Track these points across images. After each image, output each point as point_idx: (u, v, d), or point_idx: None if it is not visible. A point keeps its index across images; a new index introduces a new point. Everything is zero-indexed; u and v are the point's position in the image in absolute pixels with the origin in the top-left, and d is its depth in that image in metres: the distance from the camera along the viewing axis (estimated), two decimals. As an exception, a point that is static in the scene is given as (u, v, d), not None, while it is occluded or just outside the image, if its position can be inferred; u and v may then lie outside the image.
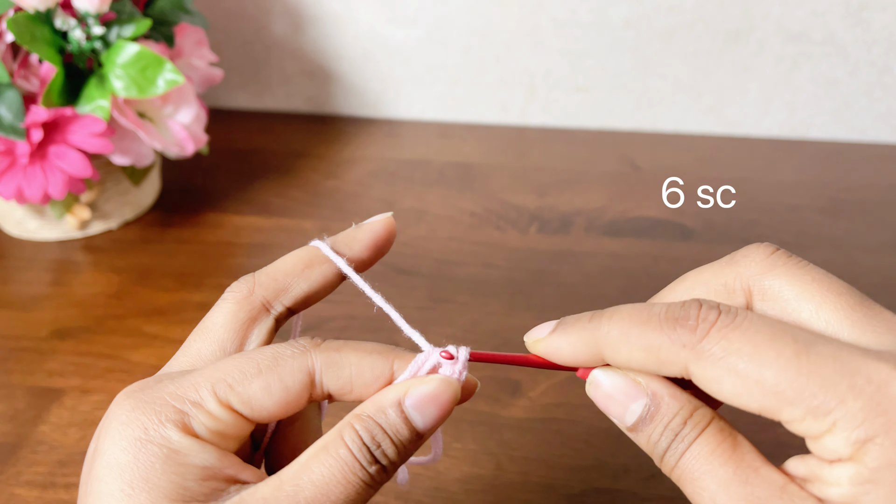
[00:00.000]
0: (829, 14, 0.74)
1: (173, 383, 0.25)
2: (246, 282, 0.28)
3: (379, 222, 0.31)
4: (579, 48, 0.78)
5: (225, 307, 0.28)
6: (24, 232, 0.65)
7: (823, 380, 0.21)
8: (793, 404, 0.21)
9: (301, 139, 0.80)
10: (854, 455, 0.21)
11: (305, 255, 0.29)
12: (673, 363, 0.23)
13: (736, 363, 0.22)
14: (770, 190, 0.71)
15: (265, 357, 0.25)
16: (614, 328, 0.24)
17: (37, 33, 0.55)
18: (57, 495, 0.43)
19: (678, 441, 0.23)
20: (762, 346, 0.22)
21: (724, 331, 0.22)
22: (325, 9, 0.79)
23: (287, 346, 0.26)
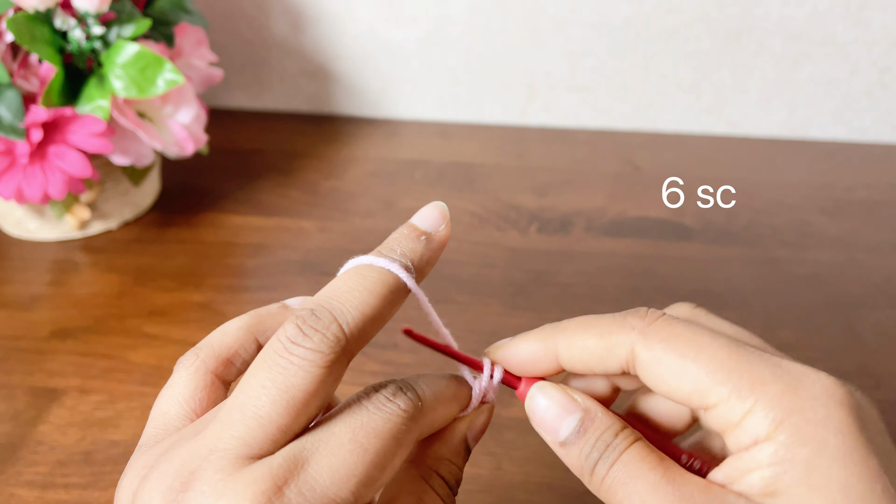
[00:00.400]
0: (829, 14, 0.74)
1: (313, 493, 0.22)
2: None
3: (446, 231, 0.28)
4: (579, 48, 0.78)
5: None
6: (24, 232, 0.65)
7: (750, 365, 0.24)
8: (722, 384, 0.24)
9: (301, 139, 0.80)
10: (771, 434, 0.23)
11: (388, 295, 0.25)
12: (622, 344, 0.25)
13: (678, 345, 0.25)
14: (770, 190, 0.71)
15: (388, 444, 0.23)
16: (571, 324, 0.27)
17: (36, 33, 0.55)
18: (57, 495, 0.43)
19: (610, 450, 0.25)
20: (700, 335, 0.25)
21: (670, 320, 0.25)
22: (325, 9, 0.79)
23: (399, 421, 0.24)
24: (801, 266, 0.61)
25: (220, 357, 0.28)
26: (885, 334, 0.54)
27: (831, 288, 0.59)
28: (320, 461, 0.22)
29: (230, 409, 0.23)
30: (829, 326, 0.55)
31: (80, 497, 0.43)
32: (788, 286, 0.59)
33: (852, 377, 0.51)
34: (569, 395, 0.27)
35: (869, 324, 0.55)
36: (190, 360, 0.28)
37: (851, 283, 0.59)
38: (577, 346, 0.27)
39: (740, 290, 0.58)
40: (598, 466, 0.25)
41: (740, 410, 0.23)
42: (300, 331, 0.23)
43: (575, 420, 0.26)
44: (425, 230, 0.27)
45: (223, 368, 0.28)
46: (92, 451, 0.46)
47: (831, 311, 0.56)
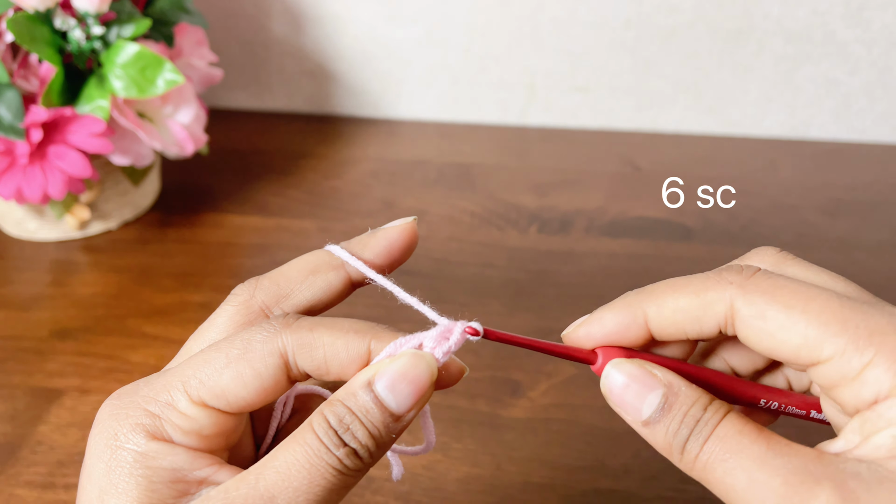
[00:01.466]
0: (829, 14, 0.74)
1: (147, 385, 0.25)
2: (248, 285, 0.27)
3: (394, 229, 0.29)
4: (579, 48, 0.78)
5: (225, 310, 0.27)
6: (24, 232, 0.65)
7: (865, 315, 0.22)
8: (837, 335, 0.22)
9: (301, 139, 0.80)
10: None
11: (312, 261, 0.28)
12: (720, 300, 0.23)
13: (782, 295, 0.23)
14: (770, 190, 0.71)
15: (234, 345, 0.24)
16: (660, 286, 0.25)
17: (36, 33, 0.55)
18: (57, 496, 0.43)
19: (702, 425, 0.23)
20: (804, 286, 0.23)
21: (769, 274, 0.23)
22: (325, 9, 0.79)
23: (257, 330, 0.25)
24: (801, 266, 0.61)
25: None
26: (886, 334, 0.54)
27: (831, 288, 0.59)
28: (179, 363, 0.25)
29: None
30: (829, 326, 0.55)
31: (80, 497, 0.43)
32: (788, 286, 0.59)
33: (852, 377, 0.51)
34: (647, 369, 0.24)
35: (869, 324, 0.55)
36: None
37: (851, 283, 0.59)
38: (670, 307, 0.25)
39: (740, 290, 0.58)
40: (689, 444, 0.23)
41: (859, 363, 0.21)
42: None
43: (658, 396, 0.24)
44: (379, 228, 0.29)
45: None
46: (92, 451, 0.46)
47: (831, 311, 0.56)
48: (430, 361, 0.25)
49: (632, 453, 0.45)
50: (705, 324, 0.24)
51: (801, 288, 0.23)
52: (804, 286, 0.23)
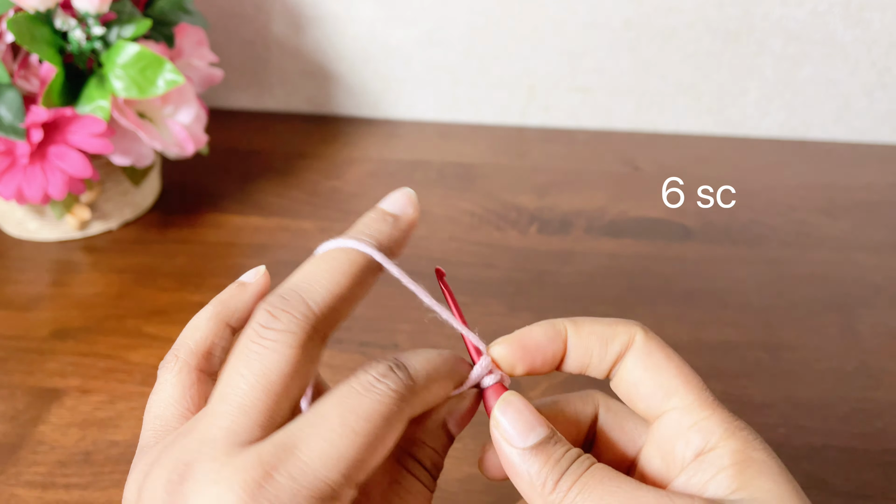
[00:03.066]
0: (829, 14, 0.74)
1: (299, 483, 0.22)
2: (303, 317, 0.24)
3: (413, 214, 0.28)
4: (579, 48, 0.78)
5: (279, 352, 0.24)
6: (24, 232, 0.65)
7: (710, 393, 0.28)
8: (690, 392, 0.27)
9: (301, 139, 0.80)
10: (726, 439, 0.26)
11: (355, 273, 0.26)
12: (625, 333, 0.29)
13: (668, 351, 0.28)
14: (770, 190, 0.71)
15: (378, 426, 0.23)
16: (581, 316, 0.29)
17: (37, 33, 0.55)
18: (57, 496, 0.43)
19: (578, 464, 0.25)
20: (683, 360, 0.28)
21: None
22: (325, 9, 0.79)
23: (390, 402, 0.24)
24: (800, 266, 0.61)
25: (199, 352, 0.28)
26: (885, 334, 0.54)
27: (831, 288, 0.59)
28: (310, 445, 0.22)
29: (214, 401, 0.24)
30: (829, 326, 0.55)
31: (80, 497, 0.43)
32: (788, 286, 0.59)
33: (852, 377, 0.51)
34: (537, 413, 0.27)
35: (869, 324, 0.55)
36: (171, 362, 0.28)
37: (851, 283, 0.59)
38: (586, 329, 0.28)
39: (740, 290, 0.58)
40: (565, 476, 0.25)
41: (699, 416, 0.26)
42: (270, 315, 0.24)
43: (545, 430, 0.26)
44: (393, 213, 0.28)
45: (205, 362, 0.28)
46: (92, 451, 0.46)
47: (831, 311, 0.56)
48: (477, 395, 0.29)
49: (631, 453, 0.45)
50: (610, 351, 0.28)
51: (680, 358, 0.28)
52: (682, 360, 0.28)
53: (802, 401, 0.49)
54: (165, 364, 0.28)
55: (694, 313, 0.56)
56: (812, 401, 0.49)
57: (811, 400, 0.49)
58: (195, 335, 0.29)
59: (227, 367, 0.24)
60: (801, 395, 0.49)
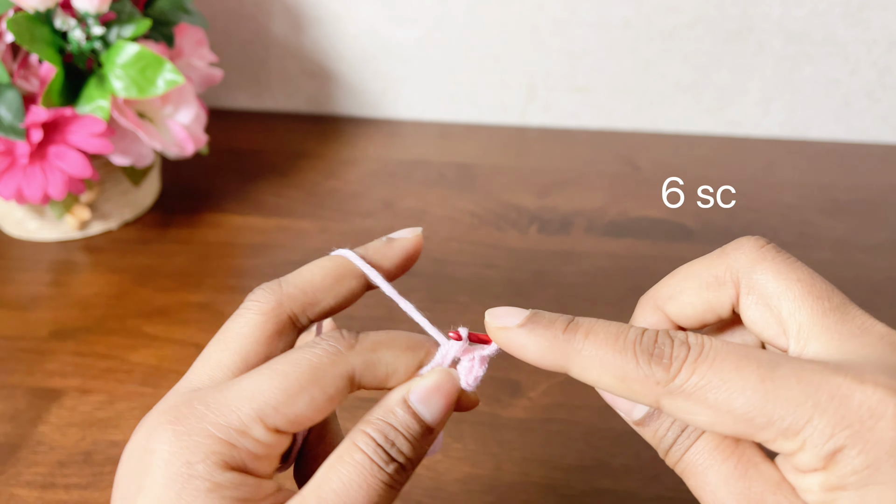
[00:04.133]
0: (829, 14, 0.74)
1: (211, 410, 0.24)
2: (273, 291, 0.27)
3: (410, 241, 0.30)
4: (579, 48, 0.78)
5: (249, 317, 0.27)
6: (24, 232, 0.65)
7: (789, 402, 0.22)
8: (764, 429, 0.22)
9: (301, 139, 0.80)
10: (826, 466, 0.22)
11: (333, 268, 0.28)
12: (645, 396, 0.24)
13: (707, 396, 0.23)
14: (770, 190, 0.71)
15: (303, 370, 0.25)
16: (588, 347, 0.24)
17: (37, 33, 0.55)
18: (57, 496, 0.43)
19: (684, 437, 0.25)
20: (729, 375, 0.23)
21: (694, 365, 0.23)
22: (325, 9, 0.79)
23: (322, 353, 0.25)
24: (801, 266, 0.61)
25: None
26: (885, 334, 0.54)
27: (831, 288, 0.59)
28: (236, 383, 0.25)
29: None
30: (829, 326, 0.55)
31: (80, 497, 0.43)
32: (788, 286, 0.59)
33: (852, 377, 0.51)
34: None
35: (869, 324, 0.55)
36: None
37: (851, 283, 0.59)
38: (592, 377, 0.25)
39: (740, 291, 0.58)
40: (672, 450, 0.25)
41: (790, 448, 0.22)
42: (253, 293, 0.28)
43: None
44: (391, 237, 0.30)
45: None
46: (92, 451, 0.46)
47: (831, 311, 0.56)
48: (455, 377, 0.27)
49: (632, 453, 0.45)
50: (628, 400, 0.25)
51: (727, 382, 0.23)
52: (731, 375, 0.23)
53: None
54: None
55: (694, 313, 0.56)
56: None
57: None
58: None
59: None
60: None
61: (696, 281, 0.27)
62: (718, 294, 0.26)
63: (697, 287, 0.27)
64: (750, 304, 0.26)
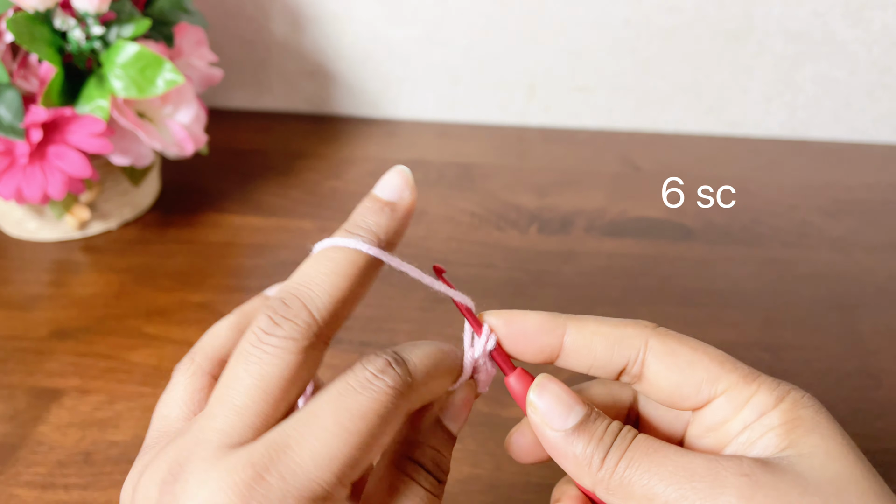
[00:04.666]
0: (829, 14, 0.74)
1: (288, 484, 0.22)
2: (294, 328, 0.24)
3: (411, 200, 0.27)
4: (579, 48, 0.78)
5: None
6: (24, 232, 0.65)
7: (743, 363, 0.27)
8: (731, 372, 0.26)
9: (301, 139, 0.80)
10: (776, 404, 0.25)
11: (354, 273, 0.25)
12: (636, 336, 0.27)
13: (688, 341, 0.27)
14: (770, 190, 0.71)
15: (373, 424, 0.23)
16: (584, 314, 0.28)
17: (36, 33, 0.55)
18: (56, 496, 0.43)
19: (621, 438, 0.25)
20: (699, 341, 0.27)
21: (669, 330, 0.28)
22: (325, 9, 0.79)
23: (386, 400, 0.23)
24: (801, 266, 0.61)
25: (215, 358, 0.28)
26: (885, 334, 0.54)
27: (831, 288, 0.59)
28: (302, 445, 0.22)
29: (212, 403, 0.24)
30: (829, 326, 0.55)
31: (80, 497, 0.43)
32: (789, 286, 0.59)
33: (852, 377, 0.51)
34: (573, 392, 0.26)
35: (869, 324, 0.55)
36: (186, 364, 0.28)
37: (851, 283, 0.59)
38: (590, 329, 0.27)
39: (740, 290, 0.58)
40: (611, 452, 0.25)
41: (748, 393, 0.26)
42: (271, 321, 0.24)
43: (583, 410, 0.26)
44: (389, 200, 0.27)
45: (218, 369, 0.28)
46: (92, 451, 0.46)
47: (831, 311, 0.56)
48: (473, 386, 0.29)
49: (632, 453, 0.45)
50: (618, 354, 0.27)
51: (699, 341, 0.27)
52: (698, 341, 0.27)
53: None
54: (180, 366, 0.28)
55: (694, 313, 0.56)
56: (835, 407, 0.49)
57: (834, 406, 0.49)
58: (214, 342, 0.29)
59: (227, 369, 0.24)
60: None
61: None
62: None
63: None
64: None
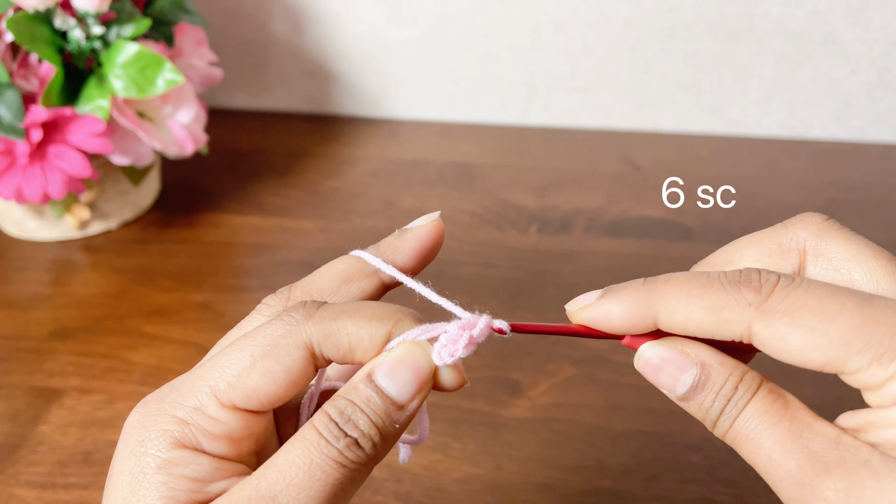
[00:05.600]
0: (829, 14, 0.74)
1: (173, 391, 0.24)
2: (282, 295, 0.27)
3: (423, 228, 0.29)
4: (579, 48, 0.78)
5: (258, 319, 0.27)
6: (24, 232, 0.65)
7: (887, 328, 0.22)
8: (860, 353, 0.22)
9: (301, 139, 0.80)
10: None
11: (343, 269, 0.28)
12: (736, 322, 0.23)
13: (802, 317, 0.23)
14: (770, 190, 0.71)
15: (256, 342, 0.24)
16: (672, 289, 0.24)
17: (36, 33, 0.55)
18: (56, 495, 0.43)
19: (731, 405, 0.24)
20: (826, 300, 0.23)
21: (788, 289, 0.23)
22: (325, 9, 0.79)
23: (278, 324, 0.24)
24: (801, 266, 0.61)
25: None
26: (886, 334, 0.54)
27: (831, 288, 0.59)
28: (201, 363, 0.25)
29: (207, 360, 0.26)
30: (830, 326, 0.55)
31: (80, 497, 0.43)
32: (788, 286, 0.59)
33: (852, 377, 0.51)
34: (679, 349, 0.25)
35: (869, 324, 0.55)
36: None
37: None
38: (681, 316, 0.24)
39: (740, 290, 0.58)
40: (720, 420, 0.24)
41: (882, 377, 0.22)
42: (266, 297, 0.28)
43: (690, 376, 0.24)
44: (405, 228, 0.29)
45: None
46: (92, 451, 0.46)
47: (831, 311, 0.56)
48: (427, 349, 0.25)
49: (632, 453, 0.45)
50: (719, 336, 0.24)
51: (823, 304, 0.23)
52: (826, 300, 0.23)
53: (803, 400, 0.49)
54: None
55: (694, 313, 0.56)
56: (813, 401, 0.49)
57: (812, 400, 0.49)
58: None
59: None
60: (801, 394, 0.49)
61: (758, 248, 0.27)
62: (780, 261, 0.26)
63: (759, 254, 0.26)
64: (819, 270, 0.26)
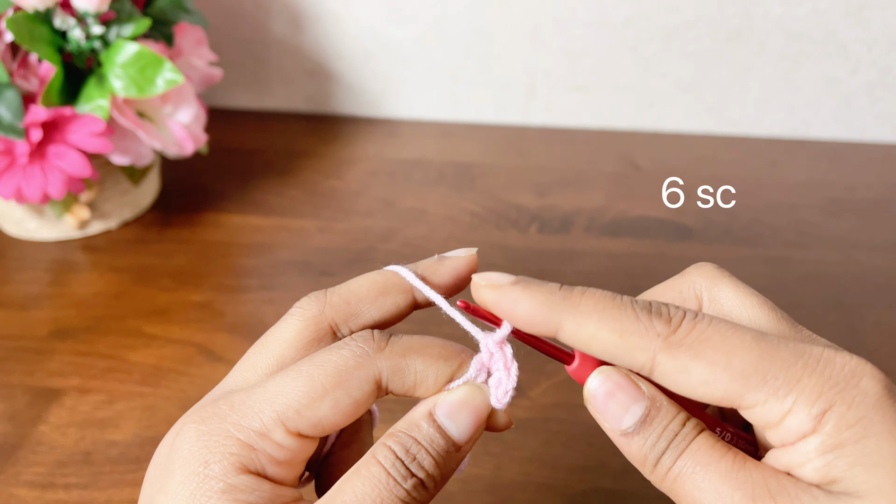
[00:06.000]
0: (829, 13, 0.74)
1: (234, 411, 0.24)
2: (317, 300, 0.27)
3: (462, 259, 0.29)
4: (579, 48, 0.78)
5: (292, 323, 0.27)
6: (24, 232, 0.65)
7: (782, 362, 0.23)
8: (757, 387, 0.23)
9: (301, 139, 0.80)
10: (816, 427, 0.23)
11: (381, 282, 0.28)
12: (642, 350, 0.24)
13: (706, 351, 0.23)
14: (770, 190, 0.71)
15: (326, 371, 0.24)
16: (586, 303, 0.24)
17: (36, 33, 0.55)
18: (56, 496, 0.43)
19: (678, 441, 0.24)
20: (728, 334, 0.23)
21: (694, 322, 0.24)
22: (325, 8, 0.79)
23: (348, 354, 0.25)
24: (801, 266, 0.61)
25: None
26: (885, 334, 0.54)
27: (832, 287, 0.59)
28: (263, 384, 0.25)
29: None
30: (830, 326, 0.55)
31: (80, 497, 0.43)
32: (788, 286, 0.59)
33: (853, 377, 0.51)
34: (633, 380, 0.25)
35: (869, 324, 0.55)
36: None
37: (852, 283, 0.59)
38: (588, 332, 0.24)
39: (740, 290, 0.58)
40: (664, 457, 0.24)
41: (780, 411, 0.23)
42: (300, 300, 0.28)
43: (641, 408, 0.24)
44: (443, 255, 0.29)
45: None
46: (91, 451, 0.46)
47: (831, 310, 0.56)
48: (486, 392, 0.26)
49: (632, 453, 0.45)
50: (622, 362, 0.24)
51: (724, 340, 0.23)
52: (728, 336, 0.23)
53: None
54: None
55: (694, 313, 0.56)
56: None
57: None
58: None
59: None
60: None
61: (662, 296, 0.28)
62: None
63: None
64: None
